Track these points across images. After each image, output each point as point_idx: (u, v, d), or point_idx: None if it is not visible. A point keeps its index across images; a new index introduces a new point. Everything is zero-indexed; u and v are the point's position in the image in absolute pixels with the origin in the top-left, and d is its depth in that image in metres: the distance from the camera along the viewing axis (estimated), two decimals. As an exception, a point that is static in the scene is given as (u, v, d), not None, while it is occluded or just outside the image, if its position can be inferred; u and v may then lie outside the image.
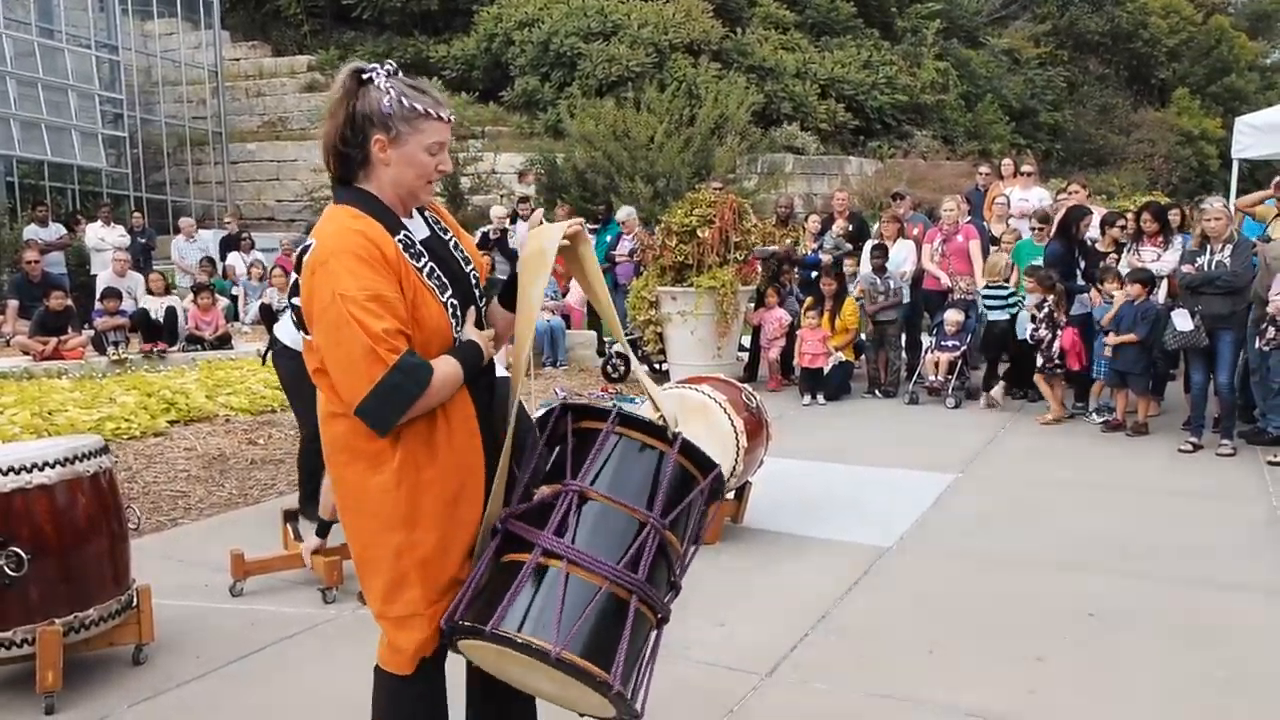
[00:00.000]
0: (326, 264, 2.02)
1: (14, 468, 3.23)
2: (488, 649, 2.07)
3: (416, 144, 2.12)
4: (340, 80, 2.12)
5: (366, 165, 2.13)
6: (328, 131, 2.13)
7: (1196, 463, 6.50)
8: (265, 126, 21.31)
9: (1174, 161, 27.17)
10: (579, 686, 2.04)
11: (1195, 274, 6.61)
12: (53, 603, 3.28)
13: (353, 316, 1.97)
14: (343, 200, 2.14)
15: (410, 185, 2.15)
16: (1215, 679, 3.41)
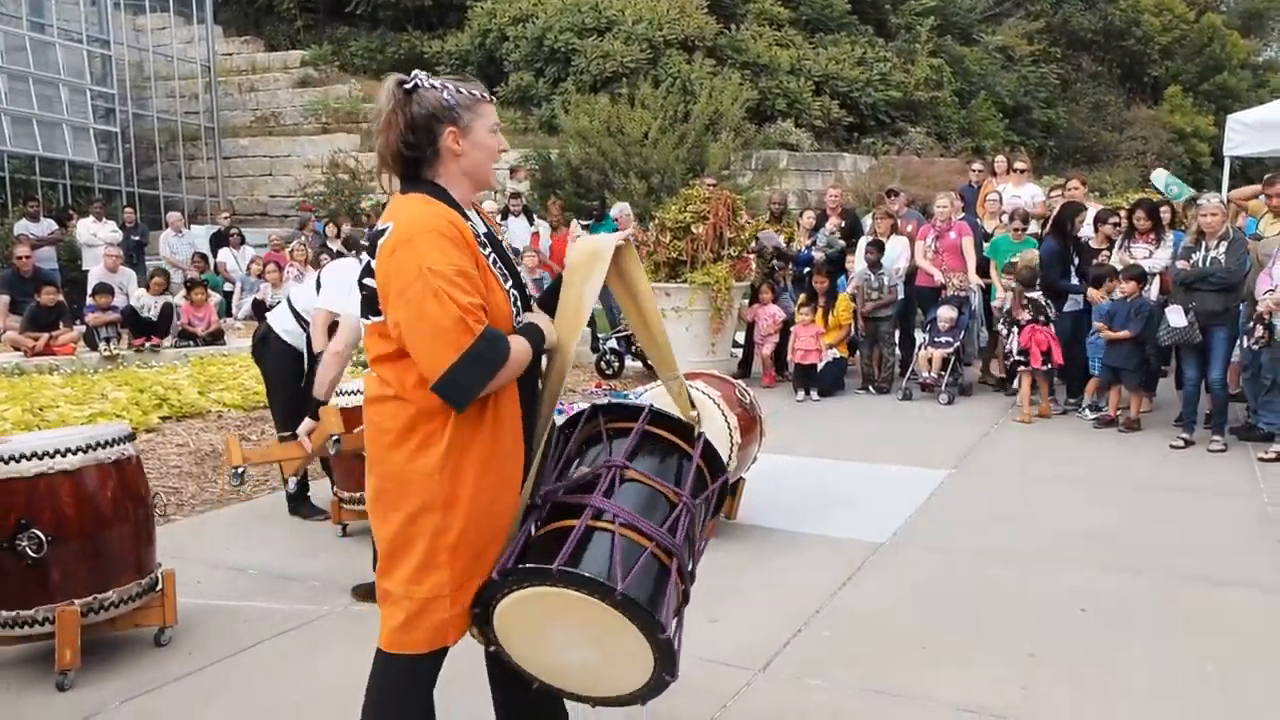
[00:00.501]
0: (411, 242, 2.12)
1: (38, 453, 3.34)
2: (533, 604, 2.14)
3: (481, 127, 2.29)
4: (387, 93, 2.25)
5: (436, 161, 2.27)
6: (387, 142, 2.26)
7: (1188, 459, 6.52)
8: (258, 122, 21.23)
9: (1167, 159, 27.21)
10: (617, 650, 2.14)
11: (1190, 270, 6.63)
12: (74, 584, 3.38)
13: (442, 289, 2.07)
14: (411, 190, 2.26)
15: (482, 167, 2.31)
16: (1206, 674, 3.43)
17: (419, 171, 2.28)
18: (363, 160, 18.20)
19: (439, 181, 2.28)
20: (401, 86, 2.24)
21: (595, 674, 2.25)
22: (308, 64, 22.03)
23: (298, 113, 20.84)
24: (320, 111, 20.35)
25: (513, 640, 2.25)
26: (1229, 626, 3.83)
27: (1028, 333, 7.58)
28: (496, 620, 2.22)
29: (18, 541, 3.31)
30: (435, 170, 2.28)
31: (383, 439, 2.23)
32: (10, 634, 3.39)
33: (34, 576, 3.34)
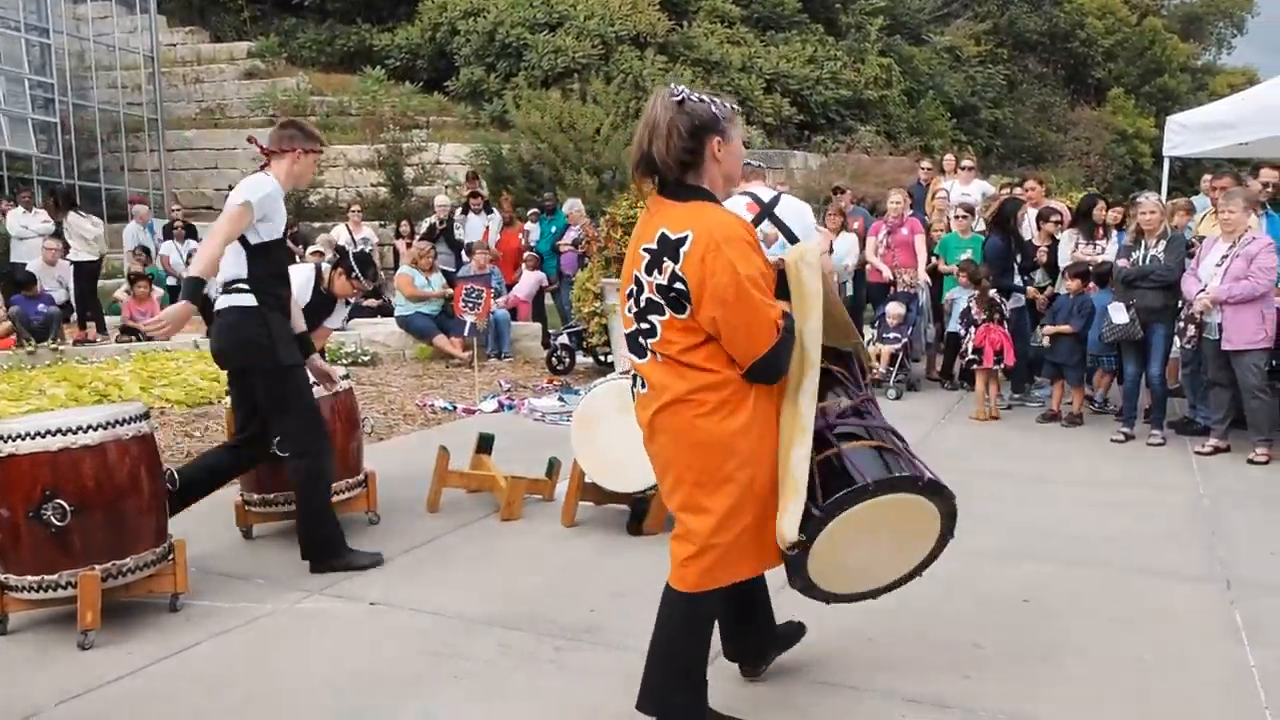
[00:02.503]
0: (721, 249, 2.49)
1: (62, 429, 3.60)
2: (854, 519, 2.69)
3: (736, 137, 2.66)
4: (661, 103, 2.59)
5: (700, 166, 2.60)
6: (667, 148, 2.56)
7: (1128, 453, 6.67)
8: (204, 114, 20.86)
9: (1109, 159, 27.84)
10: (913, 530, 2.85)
11: (1131, 268, 6.77)
12: (94, 551, 3.64)
13: (753, 294, 2.50)
14: (694, 198, 2.60)
15: (735, 171, 2.71)
16: (1145, 662, 3.51)
17: (684, 176, 2.60)
18: (311, 154, 17.96)
19: (704, 185, 2.62)
20: (675, 99, 2.57)
21: (892, 562, 2.90)
22: (255, 55, 21.71)
23: (244, 105, 20.52)
24: (268, 104, 20.03)
25: (825, 566, 2.77)
26: (1165, 616, 3.92)
27: (982, 332, 7.68)
28: (817, 549, 2.71)
29: (43, 511, 3.55)
30: (699, 175, 2.61)
31: (699, 411, 2.60)
32: (36, 597, 3.67)
33: (57, 544, 3.60)
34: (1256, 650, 3.59)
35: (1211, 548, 4.75)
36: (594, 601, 4.03)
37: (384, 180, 17.21)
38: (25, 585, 3.64)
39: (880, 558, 2.87)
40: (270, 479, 4.67)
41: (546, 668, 3.47)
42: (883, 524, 2.77)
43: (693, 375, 2.61)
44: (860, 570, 2.88)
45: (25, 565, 3.63)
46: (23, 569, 3.64)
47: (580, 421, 4.95)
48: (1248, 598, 4.09)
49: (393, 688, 3.32)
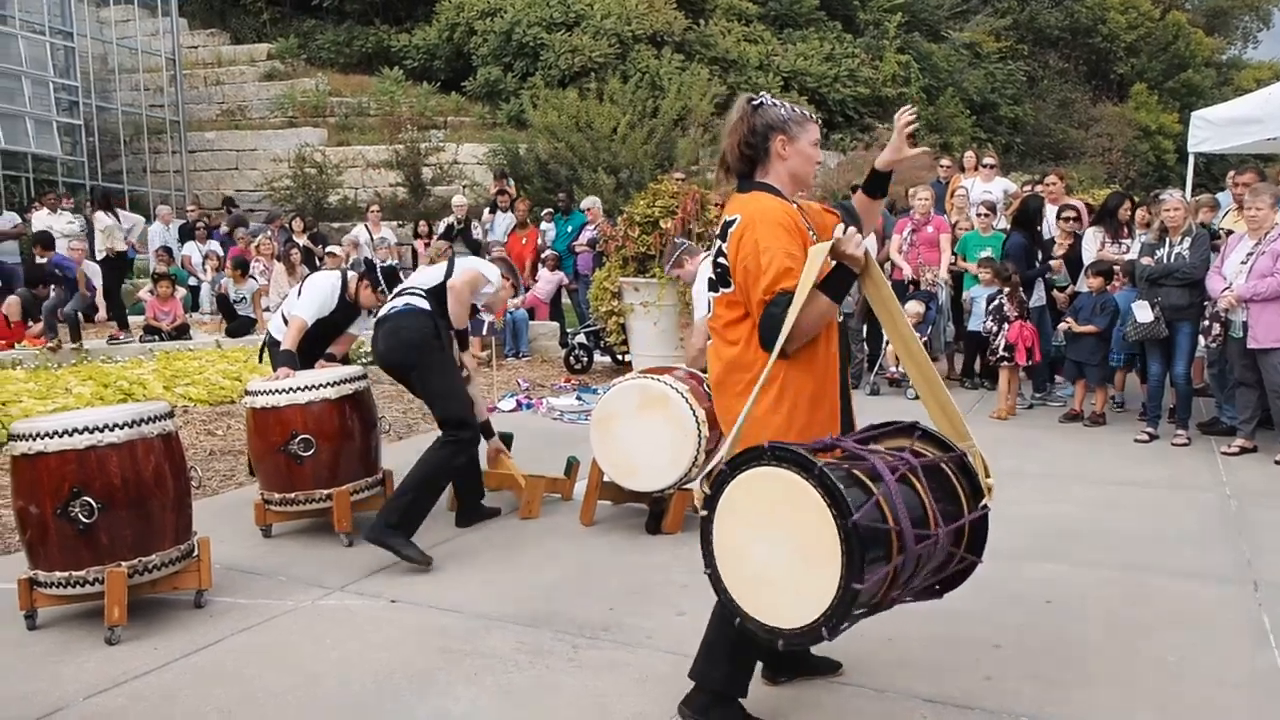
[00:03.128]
0: (755, 227, 2.72)
1: (88, 428, 3.65)
2: (753, 487, 2.49)
3: (806, 140, 2.88)
4: (738, 107, 2.90)
5: (766, 162, 2.87)
6: (730, 145, 2.89)
7: (1152, 453, 6.61)
8: (224, 115, 20.99)
9: (1132, 155, 27.58)
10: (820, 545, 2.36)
11: (1155, 266, 6.71)
12: (121, 548, 3.69)
13: (767, 266, 2.66)
14: (752, 189, 2.86)
15: (802, 172, 2.90)
16: (1169, 665, 3.47)
17: (753, 171, 2.88)
18: (329, 154, 18.05)
19: (769, 180, 2.86)
20: (750, 103, 2.87)
21: (788, 585, 2.47)
22: (274, 57, 21.82)
23: (264, 106, 20.64)
24: (287, 105, 20.16)
25: (728, 547, 2.56)
26: (1190, 618, 3.88)
27: (1015, 329, 7.62)
28: (719, 512, 2.57)
29: (71, 508, 3.61)
30: (766, 171, 2.87)
31: (733, 392, 2.80)
32: (64, 593, 3.74)
33: (85, 541, 3.66)
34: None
35: (1238, 549, 4.70)
36: (612, 600, 4.03)
37: (402, 180, 17.27)
38: (54, 581, 3.71)
39: (781, 572, 2.47)
40: (290, 478, 4.69)
41: (565, 666, 3.48)
42: (780, 517, 2.45)
43: (728, 353, 2.83)
44: (764, 584, 2.52)
45: (54, 561, 3.69)
46: (51, 565, 3.70)
47: (599, 421, 4.95)
48: (1275, 599, 4.04)
49: (412, 685, 3.34)
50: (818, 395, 2.80)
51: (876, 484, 2.43)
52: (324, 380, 4.70)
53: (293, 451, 4.60)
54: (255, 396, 4.71)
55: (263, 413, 4.68)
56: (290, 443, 4.59)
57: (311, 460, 4.62)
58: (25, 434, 3.66)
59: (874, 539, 2.35)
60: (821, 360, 2.81)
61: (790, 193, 2.89)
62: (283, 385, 4.68)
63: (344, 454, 4.74)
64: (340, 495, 4.68)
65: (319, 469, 4.65)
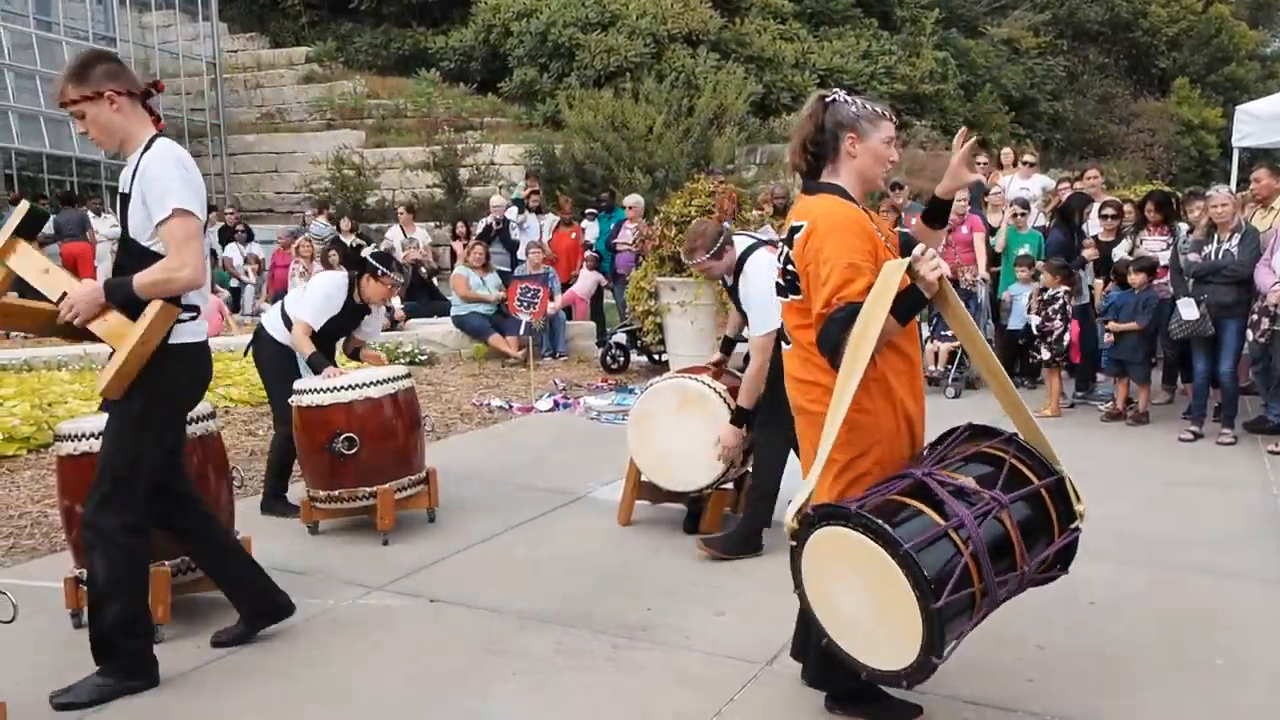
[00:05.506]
0: (822, 234, 2.68)
1: None
2: (834, 541, 2.53)
3: (877, 138, 2.78)
4: (810, 103, 2.85)
5: (834, 161, 2.81)
6: (795, 143, 2.87)
7: (1197, 452, 6.50)
8: (264, 118, 21.27)
9: (1174, 151, 27.13)
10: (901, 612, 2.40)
11: (1202, 262, 6.59)
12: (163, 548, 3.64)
13: (832, 275, 2.62)
14: (820, 191, 2.81)
15: (872, 171, 2.81)
16: (1214, 667, 3.42)
17: (819, 168, 2.82)
18: (367, 156, 18.22)
19: (838, 180, 2.80)
20: (822, 100, 2.82)
21: (875, 636, 2.55)
22: (312, 60, 22.07)
23: (303, 109, 20.88)
24: (325, 108, 20.38)
25: (818, 588, 2.63)
26: (1237, 619, 3.82)
27: (1075, 326, 7.53)
28: (809, 557, 2.60)
29: None
30: (835, 170, 2.81)
31: (808, 395, 2.83)
32: None
33: None
34: (1335, 656, 3.48)
35: (1285, 550, 4.62)
36: (650, 600, 4.03)
37: (439, 182, 17.40)
38: None
39: (864, 619, 2.55)
40: (335, 476, 4.74)
41: (603, 665, 3.48)
42: (861, 574, 2.49)
43: (802, 356, 2.85)
44: (848, 621, 2.59)
45: None
46: None
47: (636, 420, 4.94)
48: (1325, 601, 3.96)
49: (450, 684, 3.36)
50: (913, 382, 2.84)
51: (960, 532, 2.47)
52: (369, 379, 4.73)
53: (337, 450, 4.63)
54: (301, 395, 4.76)
55: (308, 411, 4.73)
56: (334, 441, 4.63)
57: (355, 458, 4.66)
58: (71, 434, 3.69)
59: (957, 611, 2.44)
60: (909, 349, 2.85)
61: (859, 193, 2.82)
62: (327, 384, 4.72)
63: (388, 452, 4.76)
64: (384, 493, 4.72)
65: (363, 467, 4.69)
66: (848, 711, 3.04)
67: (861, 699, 3.02)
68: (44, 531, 4.98)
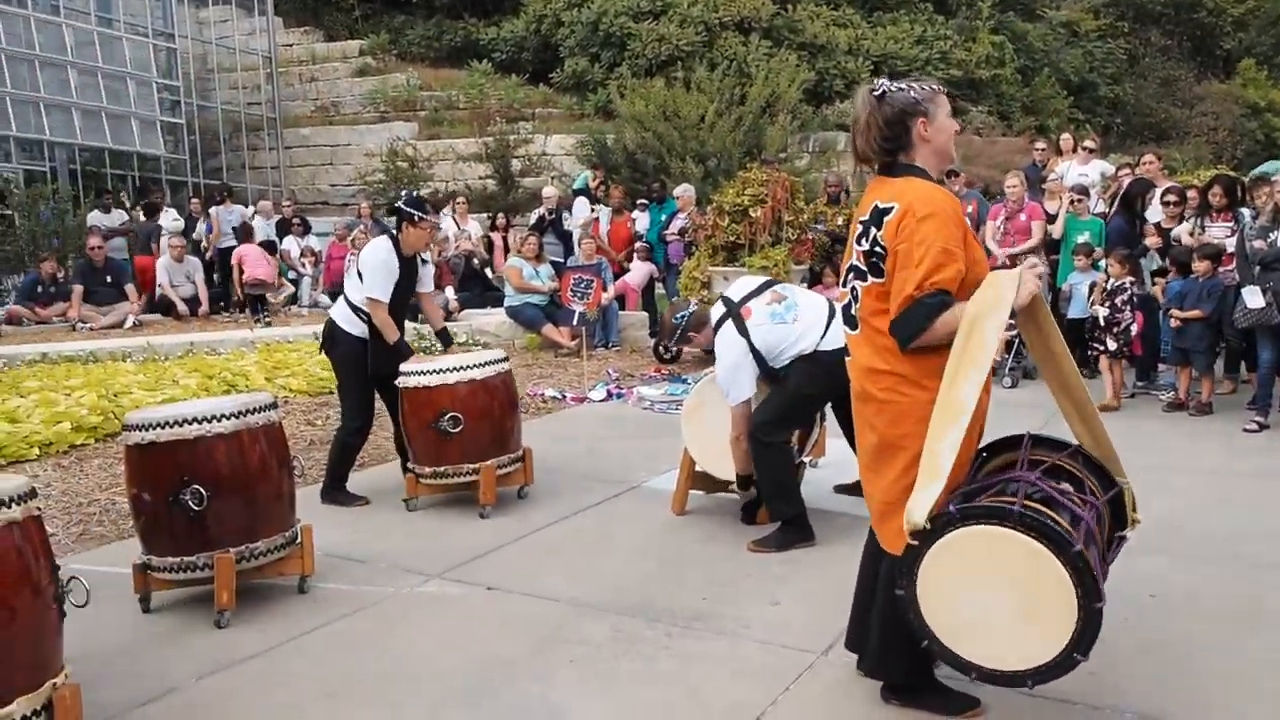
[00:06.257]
0: (918, 218, 2.66)
1: (197, 418, 3.78)
2: (984, 540, 2.55)
3: (943, 114, 2.82)
4: (862, 100, 2.83)
5: (910, 148, 2.80)
6: (860, 143, 2.84)
7: (1261, 443, 6.35)
8: (318, 111, 21.54)
9: (1239, 134, 26.36)
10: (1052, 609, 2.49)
11: (1267, 249, 6.43)
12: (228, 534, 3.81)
13: (925, 259, 2.63)
14: (907, 174, 2.79)
15: (947, 146, 2.84)
16: (1276, 663, 3.35)
17: (895, 157, 2.80)
18: (420, 148, 18.39)
19: (916, 163, 2.79)
20: (874, 94, 2.79)
21: (1004, 637, 2.57)
22: (366, 53, 22.29)
23: (356, 102, 21.11)
24: (379, 100, 20.59)
25: (935, 587, 2.61)
26: (1305, 615, 3.74)
27: (1140, 317, 7.39)
28: (935, 556, 2.59)
29: (181, 496, 3.71)
30: (910, 156, 2.80)
31: (879, 384, 2.80)
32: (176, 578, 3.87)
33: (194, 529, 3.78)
34: (1407, 653, 3.39)
35: (1354, 544, 4.50)
36: (705, 589, 4.05)
37: (491, 173, 17.50)
38: (166, 566, 3.83)
39: (992, 619, 2.58)
40: (439, 453, 5.01)
41: (660, 653, 3.50)
42: (1010, 573, 2.54)
43: (879, 342, 2.80)
44: (967, 621, 2.61)
45: (166, 547, 3.82)
46: (163, 551, 3.83)
47: (690, 410, 4.96)
48: (1398, 598, 3.86)
49: (508, 671, 3.40)
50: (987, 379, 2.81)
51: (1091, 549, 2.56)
52: (472, 362, 5.05)
53: (442, 428, 4.91)
54: (408, 377, 5.05)
55: (416, 392, 5.03)
56: (440, 420, 4.90)
57: (459, 436, 4.94)
58: (138, 424, 3.79)
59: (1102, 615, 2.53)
60: None
61: (936, 170, 2.85)
62: (434, 366, 5.04)
63: (488, 431, 5.05)
64: (486, 470, 4.98)
65: (466, 445, 4.97)
66: (905, 701, 3.03)
67: (919, 690, 3.01)
68: (112, 519, 5.13)
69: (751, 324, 4.43)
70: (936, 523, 2.58)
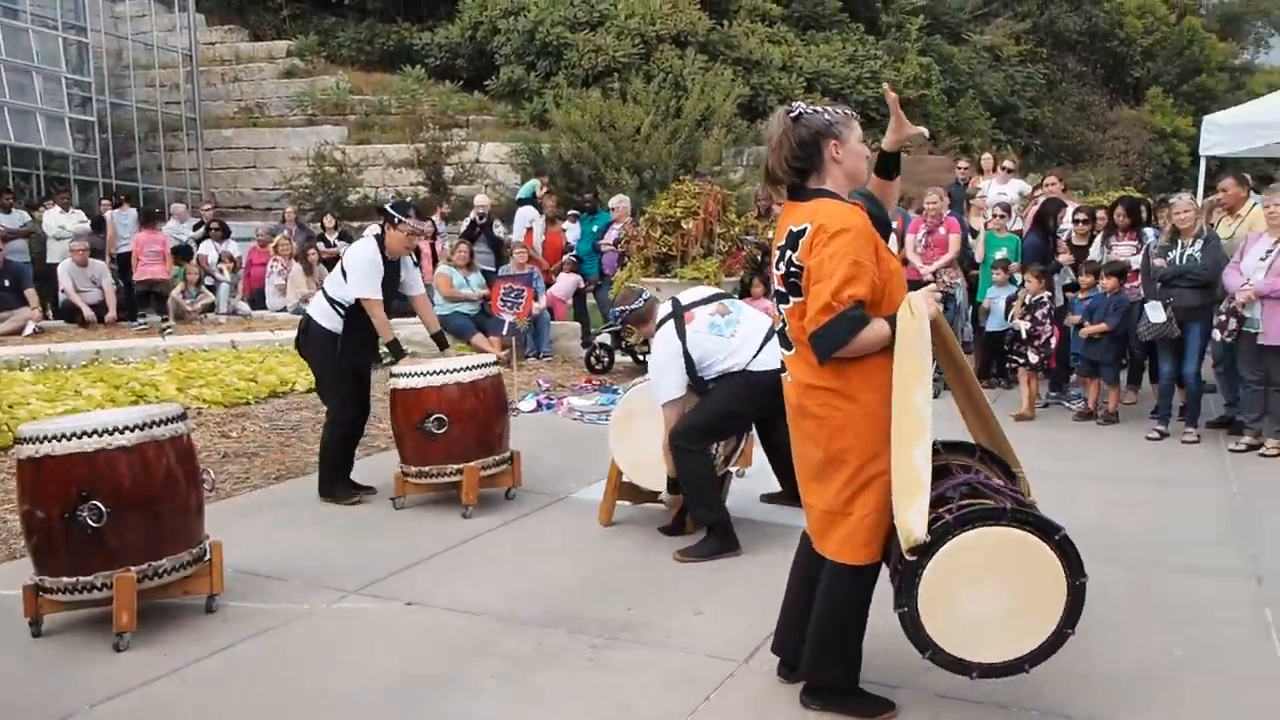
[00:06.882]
0: (829, 236, 2.74)
1: (98, 430, 3.59)
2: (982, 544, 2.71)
3: (854, 138, 2.91)
4: (779, 122, 2.90)
5: (820, 169, 2.88)
6: (776, 160, 2.91)
7: (1163, 450, 6.64)
8: (242, 112, 21.04)
9: (1148, 158, 27.43)
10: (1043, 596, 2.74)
11: (1168, 267, 6.71)
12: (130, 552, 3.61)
13: (838, 270, 2.71)
14: (813, 196, 2.87)
15: (858, 169, 2.92)
16: (1174, 657, 3.52)
17: (805, 181, 2.88)
18: (349, 153, 18.10)
19: (826, 186, 2.87)
20: (789, 115, 2.87)
21: (1002, 631, 2.76)
22: (294, 54, 21.88)
23: (283, 104, 20.70)
24: (307, 102, 20.22)
25: (937, 597, 2.72)
26: (1197, 613, 3.92)
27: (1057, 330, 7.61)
28: (936, 567, 2.70)
29: (79, 512, 3.52)
30: (821, 178, 2.88)
31: (817, 399, 2.87)
32: (71, 599, 3.66)
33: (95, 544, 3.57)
34: (1289, 648, 3.60)
35: (1242, 544, 4.74)
36: (631, 600, 4.04)
37: (423, 179, 17.31)
38: (61, 587, 3.62)
39: (991, 616, 2.75)
40: (426, 453, 5.09)
41: (583, 665, 3.49)
42: (1006, 570, 2.74)
43: (812, 359, 2.85)
44: (968, 623, 2.75)
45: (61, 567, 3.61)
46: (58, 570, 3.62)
47: (617, 421, 4.95)
48: (1277, 594, 4.10)
49: (428, 687, 3.34)
50: (884, 407, 2.88)
51: None
52: (460, 366, 5.15)
53: (427, 429, 5.00)
54: (398, 378, 5.16)
55: (404, 393, 5.13)
56: (426, 420, 5.00)
57: (445, 437, 5.02)
58: (31, 437, 3.60)
59: None
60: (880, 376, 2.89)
61: (846, 193, 2.91)
62: (422, 368, 5.14)
63: (474, 433, 5.12)
64: (470, 470, 5.06)
65: (452, 445, 5.05)
66: (824, 706, 3.08)
67: (840, 694, 3.07)
68: (1, 538, 4.84)
69: (691, 329, 4.52)
70: (934, 533, 2.69)
